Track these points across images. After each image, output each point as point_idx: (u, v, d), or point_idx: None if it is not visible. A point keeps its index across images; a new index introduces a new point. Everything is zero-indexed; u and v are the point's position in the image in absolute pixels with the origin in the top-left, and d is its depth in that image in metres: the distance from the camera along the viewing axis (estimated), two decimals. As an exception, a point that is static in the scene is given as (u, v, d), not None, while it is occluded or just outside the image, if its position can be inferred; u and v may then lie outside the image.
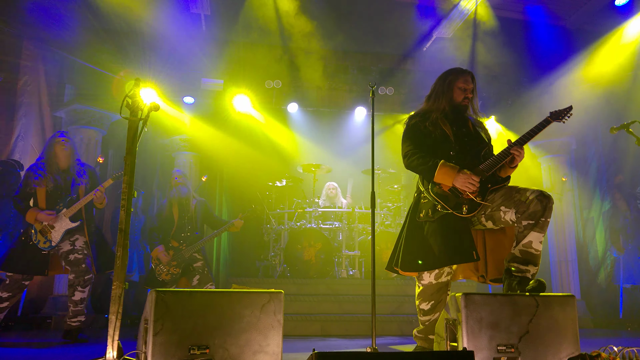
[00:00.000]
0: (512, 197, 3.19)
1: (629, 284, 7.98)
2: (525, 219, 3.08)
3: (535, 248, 3.08)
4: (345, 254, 7.60)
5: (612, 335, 6.46)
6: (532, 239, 3.07)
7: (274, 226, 7.97)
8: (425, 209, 3.36)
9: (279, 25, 7.84)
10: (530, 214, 3.07)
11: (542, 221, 3.06)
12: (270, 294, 2.80)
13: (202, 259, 5.75)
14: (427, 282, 3.33)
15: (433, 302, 3.34)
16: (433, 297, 3.34)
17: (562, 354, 2.74)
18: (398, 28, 8.11)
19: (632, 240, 7.91)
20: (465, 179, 3.22)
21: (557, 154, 8.85)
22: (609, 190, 8.64)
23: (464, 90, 3.50)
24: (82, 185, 5.09)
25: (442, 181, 3.29)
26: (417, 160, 3.37)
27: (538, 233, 3.07)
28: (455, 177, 3.23)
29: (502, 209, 3.20)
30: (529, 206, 3.08)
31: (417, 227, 3.39)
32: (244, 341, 2.69)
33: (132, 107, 2.87)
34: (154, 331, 2.55)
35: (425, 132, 3.45)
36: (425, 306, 3.36)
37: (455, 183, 3.24)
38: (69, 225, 4.94)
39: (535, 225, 3.06)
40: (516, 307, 2.78)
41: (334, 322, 6.24)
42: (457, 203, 3.25)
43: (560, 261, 8.47)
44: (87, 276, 4.90)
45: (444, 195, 3.28)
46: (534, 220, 3.07)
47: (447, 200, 3.27)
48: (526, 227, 3.08)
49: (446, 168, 3.26)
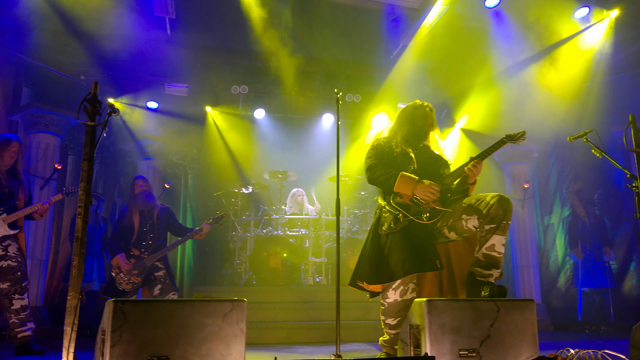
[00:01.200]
0: (472, 204, 3.26)
1: (587, 288, 8.18)
2: (487, 223, 3.16)
3: (498, 251, 3.15)
4: (312, 261, 7.57)
5: (570, 338, 6.60)
6: (494, 242, 3.15)
7: (239, 233, 7.89)
8: (387, 222, 3.38)
9: (246, 30, 7.81)
10: (492, 217, 3.14)
11: (504, 224, 3.15)
12: (232, 302, 2.76)
13: (164, 268, 5.62)
14: (392, 300, 3.32)
15: (400, 318, 3.34)
16: (399, 314, 3.33)
17: (521, 357, 2.78)
18: (366, 36, 8.18)
19: (590, 245, 8.11)
20: (425, 188, 3.30)
21: (520, 161, 9.02)
22: (569, 197, 8.85)
23: (424, 119, 3.68)
24: (25, 195, 4.93)
25: (402, 190, 3.35)
26: (378, 172, 3.45)
27: (500, 236, 3.15)
28: (415, 187, 3.32)
29: (464, 217, 3.26)
30: (489, 210, 3.15)
31: (380, 240, 3.41)
32: (205, 351, 2.64)
33: (90, 111, 2.80)
34: (111, 342, 2.48)
35: (388, 150, 3.57)
36: (391, 322, 3.37)
37: (415, 192, 3.32)
38: (7, 232, 4.75)
39: (497, 229, 3.14)
40: (478, 312, 2.81)
41: (300, 330, 6.20)
42: (418, 211, 3.31)
43: (522, 266, 8.62)
44: (24, 283, 4.73)
45: (405, 205, 3.34)
46: (495, 224, 3.14)
47: (408, 209, 3.33)
48: (488, 231, 3.15)
49: (406, 177, 3.35)
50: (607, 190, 8.53)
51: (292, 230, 7.79)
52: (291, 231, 7.74)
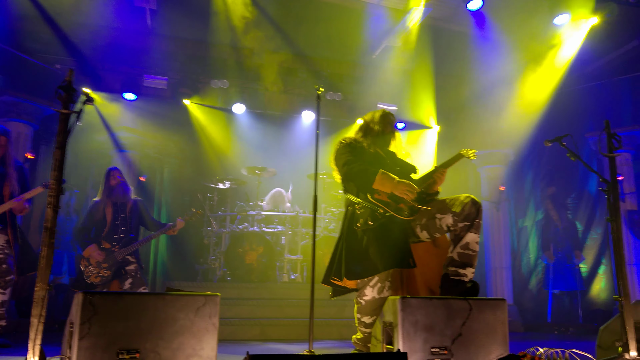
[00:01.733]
0: (446, 204, 3.35)
1: (558, 290, 8.32)
2: (462, 221, 3.25)
3: (472, 249, 3.22)
4: (288, 258, 7.55)
5: (540, 338, 6.71)
6: (469, 240, 3.23)
7: (214, 229, 7.82)
8: (363, 218, 3.39)
9: (228, 24, 7.74)
10: (466, 216, 3.24)
11: (477, 222, 3.25)
12: (205, 297, 2.74)
13: (135, 262, 5.54)
14: (370, 298, 3.34)
15: (375, 317, 3.35)
16: (375, 312, 3.35)
17: (492, 355, 2.81)
18: (349, 35, 8.17)
19: (562, 248, 8.24)
20: (405, 187, 3.34)
21: (496, 164, 9.12)
22: (543, 200, 8.98)
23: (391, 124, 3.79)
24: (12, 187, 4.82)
25: (381, 187, 3.37)
26: (357, 167, 3.45)
27: (474, 234, 3.24)
28: (395, 185, 3.35)
29: (438, 215, 3.32)
30: (464, 209, 3.25)
31: (355, 236, 3.42)
32: (176, 345, 2.61)
33: (64, 99, 2.74)
34: (79, 335, 2.44)
35: (362, 149, 3.62)
36: (367, 320, 3.39)
37: (395, 191, 3.35)
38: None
39: (471, 227, 3.23)
40: (450, 310, 2.83)
41: (274, 327, 6.18)
42: (398, 208, 3.36)
43: (495, 268, 8.73)
44: (8, 277, 4.64)
45: (384, 202, 3.37)
46: (469, 222, 3.24)
47: (388, 205, 3.36)
48: (462, 229, 3.24)
49: (386, 175, 3.38)
50: (580, 194, 8.68)
51: (268, 227, 7.75)
52: (267, 228, 7.71)
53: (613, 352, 3.32)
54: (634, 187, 7.89)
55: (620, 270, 3.27)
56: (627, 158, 7.96)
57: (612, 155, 3.47)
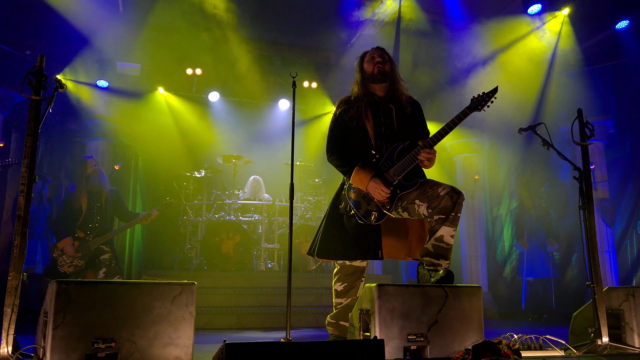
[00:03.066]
0: (425, 192, 3.29)
1: (531, 277, 8.48)
2: (437, 214, 3.19)
3: (447, 242, 3.18)
4: (265, 247, 7.54)
5: (515, 325, 6.83)
6: (443, 233, 3.17)
7: (190, 218, 7.76)
8: (345, 202, 3.44)
9: (202, 10, 7.64)
10: (442, 209, 3.17)
11: (453, 216, 3.17)
12: (182, 285, 2.71)
13: (109, 252, 5.48)
14: (342, 262, 3.45)
15: (347, 284, 3.43)
16: (347, 279, 3.43)
17: (467, 342, 2.85)
18: (325, 23, 8.14)
19: (536, 236, 8.39)
20: (376, 187, 3.28)
21: (471, 153, 9.21)
22: (517, 189, 9.11)
23: (372, 59, 3.51)
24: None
25: (357, 184, 3.36)
26: (336, 161, 3.46)
27: (449, 227, 3.17)
28: (367, 184, 3.30)
29: (417, 202, 3.30)
30: (440, 201, 3.18)
31: (336, 218, 3.47)
32: (153, 334, 2.59)
33: (35, 85, 2.68)
34: (53, 324, 2.40)
35: (349, 127, 3.46)
36: (339, 287, 3.45)
37: (368, 189, 3.32)
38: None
39: (446, 220, 3.17)
40: (427, 297, 2.85)
41: (251, 315, 6.18)
42: (368, 210, 3.35)
43: (470, 256, 8.84)
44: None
45: (356, 202, 3.38)
46: (445, 215, 3.17)
47: (359, 207, 3.37)
48: (437, 222, 3.19)
49: (361, 174, 3.33)
50: (554, 183, 8.83)
51: (245, 215, 7.72)
52: (244, 216, 7.68)
53: (585, 337, 3.39)
54: (605, 175, 8.05)
55: (592, 258, 3.34)
56: (599, 147, 8.12)
57: (584, 143, 3.53)
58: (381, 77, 3.48)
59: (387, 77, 3.49)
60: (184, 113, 8.93)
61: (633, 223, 8.03)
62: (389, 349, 2.69)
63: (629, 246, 8.03)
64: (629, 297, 3.39)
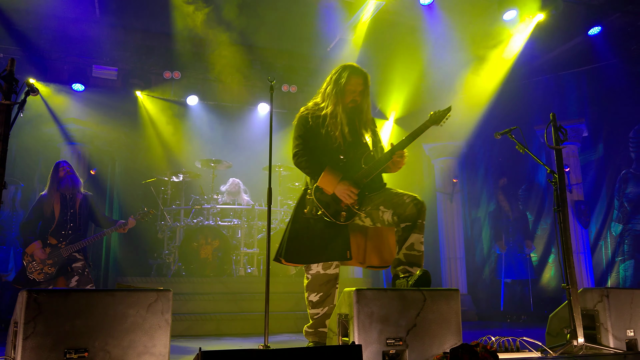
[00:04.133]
0: (391, 199, 3.37)
1: (510, 279, 8.56)
2: (403, 222, 3.28)
3: (417, 249, 3.26)
4: (244, 252, 7.49)
5: (493, 327, 6.88)
6: (413, 241, 3.26)
7: (168, 223, 7.68)
8: (310, 205, 3.45)
9: (180, 13, 7.57)
10: (407, 216, 3.27)
11: (419, 223, 3.28)
12: (157, 292, 2.67)
13: (82, 259, 5.34)
14: (315, 272, 3.40)
15: (322, 294, 3.40)
16: (322, 288, 3.40)
17: (446, 345, 2.85)
18: (304, 27, 8.13)
19: (514, 238, 8.48)
20: (345, 189, 3.32)
21: (449, 156, 9.28)
22: (494, 191, 9.20)
23: (352, 93, 3.55)
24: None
25: (324, 186, 3.37)
26: (304, 163, 3.46)
27: (418, 234, 3.27)
28: (335, 187, 3.34)
29: (381, 208, 3.37)
30: (405, 209, 3.28)
31: (301, 221, 3.47)
32: (127, 342, 2.55)
33: (5, 89, 2.62)
34: (24, 334, 2.34)
35: (316, 131, 3.51)
36: (313, 297, 3.41)
37: (335, 191, 3.35)
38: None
39: (414, 227, 3.26)
40: (405, 301, 2.85)
41: (230, 321, 6.13)
42: (336, 210, 3.37)
43: (449, 258, 8.89)
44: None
45: (325, 202, 3.38)
46: (411, 223, 3.26)
47: (328, 207, 3.37)
48: (405, 229, 3.27)
49: (329, 176, 3.35)
50: (531, 186, 8.94)
51: (224, 220, 7.66)
52: (223, 221, 7.62)
53: (562, 338, 3.42)
54: (580, 178, 8.17)
55: (567, 259, 3.38)
56: (574, 150, 8.23)
57: (558, 147, 3.57)
58: (353, 108, 3.56)
59: (357, 107, 3.57)
60: (161, 117, 8.85)
61: (607, 224, 8.16)
62: (367, 354, 2.68)
63: (604, 247, 8.15)
64: (603, 298, 3.43)
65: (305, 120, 3.57)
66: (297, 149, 3.52)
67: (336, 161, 3.46)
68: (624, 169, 8.02)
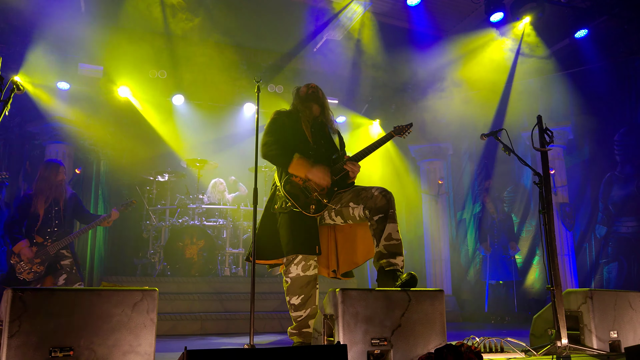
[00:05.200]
0: (359, 194, 3.44)
1: (494, 281, 8.63)
2: (375, 214, 3.33)
3: (396, 238, 3.30)
4: (229, 252, 7.48)
5: (477, 328, 6.92)
6: (390, 231, 3.30)
7: (154, 223, 7.63)
8: (280, 201, 3.51)
9: (166, 12, 7.54)
10: (379, 208, 3.32)
11: (391, 212, 3.34)
12: (143, 291, 2.67)
13: (70, 257, 5.30)
14: (295, 275, 3.39)
15: (303, 296, 3.39)
16: (302, 291, 3.39)
17: (430, 345, 2.87)
18: (290, 26, 8.13)
19: (498, 240, 8.54)
20: (318, 170, 3.43)
21: (435, 158, 9.33)
22: (480, 193, 9.27)
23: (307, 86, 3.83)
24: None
25: (296, 172, 3.46)
26: (275, 151, 3.54)
27: (392, 224, 3.32)
28: (309, 169, 3.43)
29: (351, 204, 3.44)
30: (375, 202, 3.33)
31: (271, 218, 3.55)
32: (113, 341, 2.54)
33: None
34: (9, 333, 2.34)
35: (287, 128, 3.64)
36: (295, 300, 3.41)
37: (309, 175, 3.43)
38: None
39: (387, 217, 3.31)
40: (390, 301, 2.87)
41: (215, 321, 6.12)
42: (306, 202, 3.42)
43: (434, 260, 8.94)
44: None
45: (294, 194, 3.44)
46: (383, 213, 3.31)
47: (297, 199, 3.42)
48: (379, 221, 3.31)
49: (302, 160, 3.46)
50: (516, 188, 9.01)
51: (209, 220, 7.64)
52: (208, 221, 7.60)
53: (545, 339, 3.46)
54: (565, 180, 8.26)
55: (552, 261, 3.41)
56: (559, 152, 8.32)
57: (544, 149, 3.61)
58: (313, 96, 3.75)
59: (318, 98, 3.77)
60: (147, 116, 8.78)
61: (592, 227, 8.25)
62: (352, 354, 2.69)
63: (588, 249, 8.25)
64: (587, 300, 3.47)
65: (277, 119, 3.71)
66: (267, 139, 3.60)
67: (306, 155, 3.55)
68: (608, 171, 8.12)
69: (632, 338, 3.63)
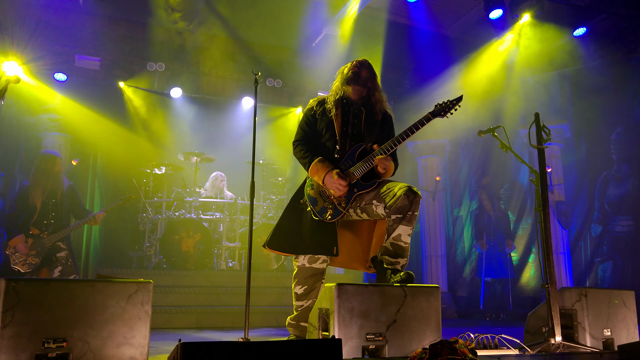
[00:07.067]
0: (382, 192, 3.28)
1: (490, 278, 8.65)
2: (394, 213, 3.18)
3: (404, 241, 3.20)
4: (226, 246, 7.47)
5: (472, 325, 6.95)
6: (401, 232, 3.18)
7: (150, 215, 7.61)
8: (303, 199, 3.46)
9: (164, 4, 7.50)
10: (398, 208, 3.16)
11: (410, 215, 3.17)
12: (137, 283, 2.66)
13: (66, 249, 5.29)
14: (301, 264, 3.39)
15: (307, 287, 3.38)
16: (307, 281, 3.38)
17: (425, 341, 2.87)
18: (289, 21, 8.10)
19: (495, 237, 8.56)
20: (333, 181, 3.28)
21: (433, 154, 9.33)
22: (477, 191, 9.28)
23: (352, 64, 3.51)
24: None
25: (314, 177, 3.38)
26: (300, 152, 3.48)
27: (406, 226, 3.17)
28: (324, 177, 3.31)
29: (374, 202, 3.30)
30: (397, 201, 3.16)
31: (295, 211, 3.47)
32: (107, 333, 2.54)
33: (-15, 76, 2.58)
34: (2, 323, 2.34)
35: (316, 123, 3.51)
36: (299, 290, 3.40)
37: (324, 182, 3.33)
38: None
39: (403, 219, 3.16)
40: (385, 297, 2.86)
41: (210, 315, 6.11)
42: (323, 207, 3.36)
43: (431, 256, 8.95)
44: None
45: (313, 198, 3.39)
46: (402, 215, 3.16)
47: (315, 204, 3.37)
48: (395, 221, 3.18)
49: (319, 166, 3.34)
50: (513, 185, 9.02)
51: (206, 213, 7.62)
52: (205, 215, 7.58)
53: (540, 336, 3.47)
54: (562, 178, 8.27)
55: (547, 259, 3.41)
56: (556, 150, 8.33)
57: (541, 147, 3.61)
58: (355, 78, 3.45)
59: (360, 80, 3.46)
60: (144, 109, 8.76)
61: (587, 225, 8.27)
62: (347, 349, 2.69)
63: (583, 248, 8.27)
64: (582, 298, 3.47)
65: (308, 110, 3.57)
66: (296, 137, 3.53)
67: (331, 154, 3.43)
68: (605, 170, 8.14)
69: (625, 336, 3.64)
